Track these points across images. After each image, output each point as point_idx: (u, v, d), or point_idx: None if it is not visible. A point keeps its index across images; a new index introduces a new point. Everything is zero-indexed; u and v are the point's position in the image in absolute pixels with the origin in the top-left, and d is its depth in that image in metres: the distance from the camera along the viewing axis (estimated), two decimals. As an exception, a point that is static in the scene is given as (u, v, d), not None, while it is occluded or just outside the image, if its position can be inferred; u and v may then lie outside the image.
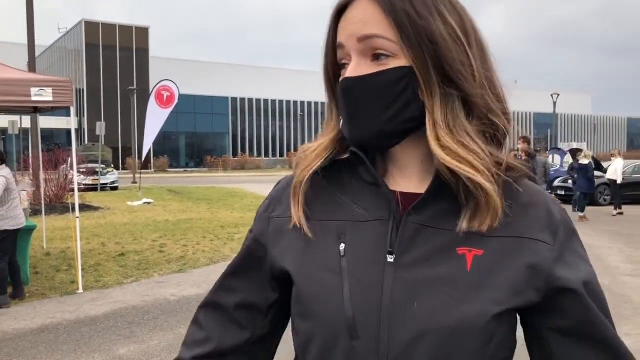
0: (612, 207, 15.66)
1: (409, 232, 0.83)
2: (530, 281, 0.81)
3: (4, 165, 6.32)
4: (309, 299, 0.85)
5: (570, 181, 16.93)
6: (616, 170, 15.37)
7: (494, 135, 0.84)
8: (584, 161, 14.26)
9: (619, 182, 15.24)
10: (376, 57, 0.81)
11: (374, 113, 0.81)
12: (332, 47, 0.87)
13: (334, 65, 0.88)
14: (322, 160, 0.89)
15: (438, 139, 0.79)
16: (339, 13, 0.85)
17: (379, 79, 0.80)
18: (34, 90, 6.32)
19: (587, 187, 14.09)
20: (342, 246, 0.84)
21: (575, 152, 19.26)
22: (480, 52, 0.83)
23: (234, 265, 1.00)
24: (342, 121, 0.86)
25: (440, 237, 0.82)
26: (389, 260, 0.82)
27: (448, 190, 0.81)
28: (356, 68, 0.81)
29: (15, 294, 6.36)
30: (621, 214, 14.77)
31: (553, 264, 0.83)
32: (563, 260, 0.84)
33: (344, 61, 0.85)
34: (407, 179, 0.87)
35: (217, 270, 7.96)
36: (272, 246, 0.93)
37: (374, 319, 0.80)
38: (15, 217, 6.18)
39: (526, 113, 71.18)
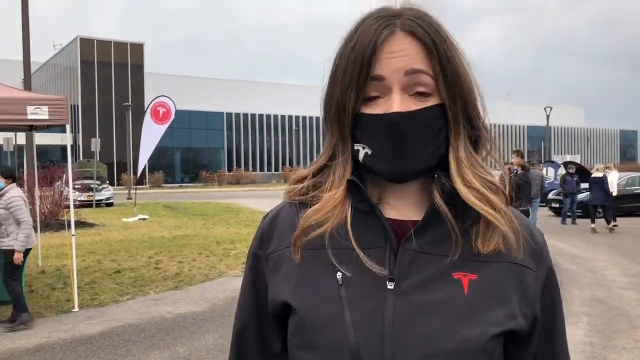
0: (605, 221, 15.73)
1: (407, 259, 0.85)
2: (521, 307, 0.86)
3: (15, 184, 6.28)
4: (311, 330, 0.85)
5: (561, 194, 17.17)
6: (612, 182, 15.48)
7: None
8: (598, 174, 14.86)
9: (614, 194, 15.35)
10: (418, 94, 0.83)
11: (418, 150, 0.83)
12: (365, 77, 0.83)
13: (357, 98, 0.84)
14: (339, 218, 0.87)
15: (463, 177, 0.85)
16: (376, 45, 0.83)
17: (427, 115, 0.83)
18: (30, 109, 6.35)
19: (603, 199, 14.57)
20: (340, 275, 0.85)
21: (567, 165, 19.39)
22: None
23: (245, 338, 0.98)
24: (366, 154, 0.86)
25: (436, 263, 0.85)
26: (389, 287, 0.84)
27: (443, 218, 0.85)
28: (402, 103, 0.82)
29: (13, 318, 6.18)
30: (616, 226, 14.83)
31: (537, 293, 0.89)
32: (545, 290, 0.90)
33: (374, 94, 0.84)
34: (404, 207, 0.90)
35: (213, 287, 7.95)
36: (272, 281, 0.92)
37: (377, 347, 0.82)
38: (30, 236, 6.15)
39: (520, 126, 71.52)
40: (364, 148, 0.86)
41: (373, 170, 0.86)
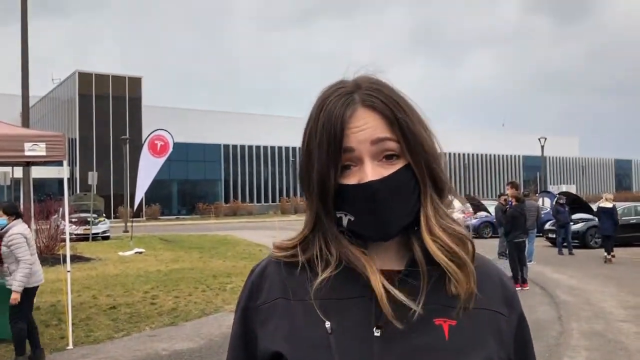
0: (603, 250, 15.71)
1: (390, 307, 0.89)
2: (498, 351, 0.92)
3: (19, 220, 6.17)
4: None
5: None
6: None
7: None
8: (607, 204, 14.98)
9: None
10: (387, 157, 0.91)
11: (399, 210, 0.90)
12: (337, 152, 0.90)
13: (335, 171, 0.90)
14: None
15: (431, 233, 0.92)
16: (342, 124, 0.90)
17: (399, 177, 0.91)
18: (27, 145, 6.39)
19: (612, 229, 14.64)
20: (328, 324, 0.89)
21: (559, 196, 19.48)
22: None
23: None
24: (349, 220, 0.91)
25: (418, 311, 0.90)
26: (376, 334, 0.88)
27: (423, 267, 0.92)
28: (374, 171, 0.89)
29: (33, 357, 6.06)
30: (613, 256, 14.81)
31: (510, 337, 0.95)
32: (517, 334, 0.97)
33: (347, 163, 0.91)
34: (386, 257, 0.95)
35: (209, 322, 7.89)
36: (262, 332, 0.95)
37: None
38: (34, 274, 5.98)
39: (515, 156, 71.90)
40: (346, 215, 0.92)
41: (357, 234, 0.92)
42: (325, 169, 0.91)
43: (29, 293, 5.98)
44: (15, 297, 5.80)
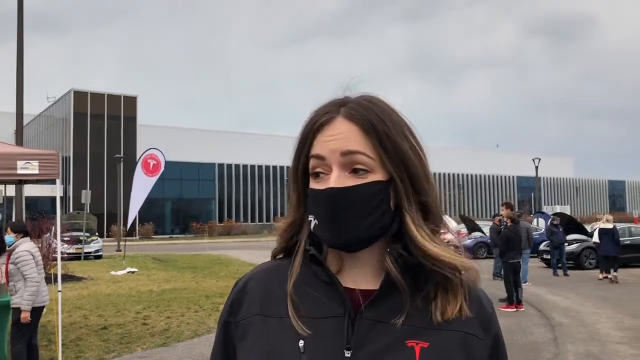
0: (598, 271, 15.70)
1: (363, 328, 0.90)
2: None
3: (27, 238, 6.09)
4: None
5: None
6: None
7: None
8: (608, 225, 15.06)
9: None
10: (355, 171, 0.90)
11: (355, 221, 0.89)
12: (306, 155, 0.95)
13: (304, 171, 0.96)
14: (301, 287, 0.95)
15: (416, 245, 0.90)
16: (318, 129, 0.94)
17: (362, 190, 0.89)
18: (20, 163, 6.33)
19: (614, 250, 14.68)
20: (302, 343, 0.89)
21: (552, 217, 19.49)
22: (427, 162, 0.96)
23: None
24: (313, 223, 0.93)
25: (391, 331, 0.89)
26: (346, 355, 0.88)
27: (398, 287, 0.90)
28: (338, 179, 0.89)
29: None
30: (607, 277, 14.80)
31: None
32: (492, 358, 0.95)
33: (317, 170, 0.93)
34: (363, 276, 0.95)
35: (201, 343, 7.79)
36: (239, 348, 0.97)
37: None
38: (39, 294, 5.83)
39: (509, 177, 72.14)
40: (314, 219, 0.93)
41: (320, 238, 0.93)
42: (294, 173, 0.97)
43: (33, 313, 5.82)
44: (25, 316, 5.68)
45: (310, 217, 0.93)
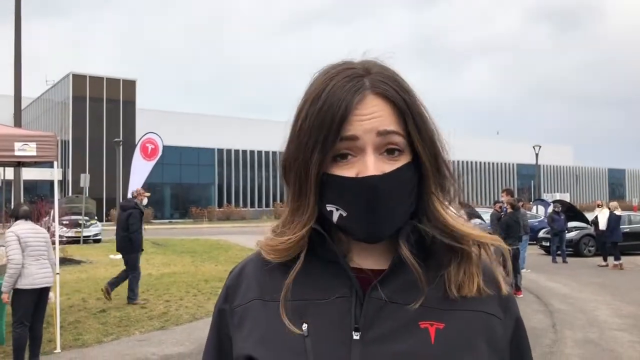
0: (597, 258, 15.74)
1: (372, 308, 0.84)
2: (490, 357, 0.85)
3: (21, 221, 5.97)
4: None
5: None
6: (602, 221, 15.57)
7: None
8: (619, 212, 15.48)
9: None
10: (389, 151, 0.84)
11: (396, 208, 0.83)
12: (331, 140, 0.82)
13: (322, 158, 0.84)
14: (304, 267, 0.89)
15: (442, 222, 0.87)
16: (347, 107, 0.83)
17: (402, 174, 0.83)
18: (17, 145, 6.29)
19: (621, 236, 15.12)
20: (305, 326, 0.84)
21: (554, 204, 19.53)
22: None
23: None
24: (340, 215, 0.84)
25: (402, 312, 0.84)
26: (355, 337, 0.83)
27: (408, 266, 0.84)
28: (376, 165, 0.82)
29: None
30: (607, 265, 14.83)
31: (506, 342, 0.88)
32: (513, 339, 0.90)
33: (345, 151, 0.83)
34: (371, 257, 0.89)
35: (200, 327, 7.79)
36: (236, 335, 0.91)
37: None
38: (27, 276, 5.68)
39: (509, 164, 72.15)
40: (337, 209, 0.84)
41: (347, 231, 0.86)
42: (311, 153, 0.83)
43: (20, 295, 5.73)
44: (3, 297, 5.74)
45: (331, 207, 0.84)
